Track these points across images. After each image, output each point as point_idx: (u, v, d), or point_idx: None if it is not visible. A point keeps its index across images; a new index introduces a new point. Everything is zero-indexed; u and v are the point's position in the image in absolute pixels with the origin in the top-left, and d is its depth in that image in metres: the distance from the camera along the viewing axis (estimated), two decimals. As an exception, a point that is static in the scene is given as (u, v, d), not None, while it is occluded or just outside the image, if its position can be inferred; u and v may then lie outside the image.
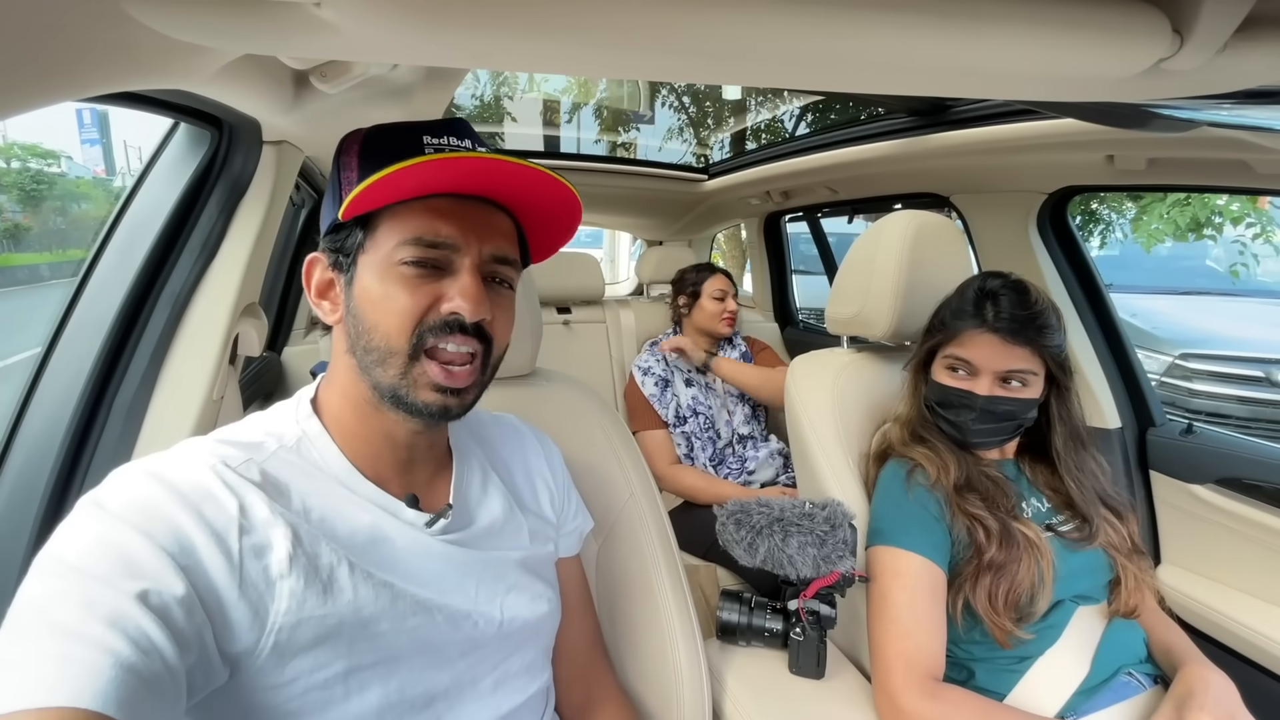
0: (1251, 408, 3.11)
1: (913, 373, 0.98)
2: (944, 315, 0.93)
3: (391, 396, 0.52)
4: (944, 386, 0.90)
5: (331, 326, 0.57)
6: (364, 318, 0.52)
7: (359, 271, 0.53)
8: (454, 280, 0.52)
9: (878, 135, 1.49)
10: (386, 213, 0.52)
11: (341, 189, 0.54)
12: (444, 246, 0.52)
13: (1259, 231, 3.78)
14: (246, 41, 0.43)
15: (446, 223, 0.52)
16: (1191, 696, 0.72)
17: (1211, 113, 0.60)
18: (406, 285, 0.51)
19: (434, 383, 0.52)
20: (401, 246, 0.51)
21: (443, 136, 0.55)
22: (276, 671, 0.46)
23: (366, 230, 0.53)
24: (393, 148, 0.53)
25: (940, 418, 0.92)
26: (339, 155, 0.56)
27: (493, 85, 6.21)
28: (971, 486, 0.87)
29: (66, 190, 5.68)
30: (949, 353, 0.90)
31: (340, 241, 0.54)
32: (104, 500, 0.44)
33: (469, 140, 0.56)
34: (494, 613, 0.59)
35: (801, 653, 0.86)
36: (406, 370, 0.52)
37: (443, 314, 0.52)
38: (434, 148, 0.53)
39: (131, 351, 0.83)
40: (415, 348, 0.51)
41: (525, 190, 0.54)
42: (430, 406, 0.52)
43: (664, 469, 1.72)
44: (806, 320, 2.71)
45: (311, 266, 0.57)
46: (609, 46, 0.39)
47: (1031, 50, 0.40)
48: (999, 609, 0.79)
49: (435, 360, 0.52)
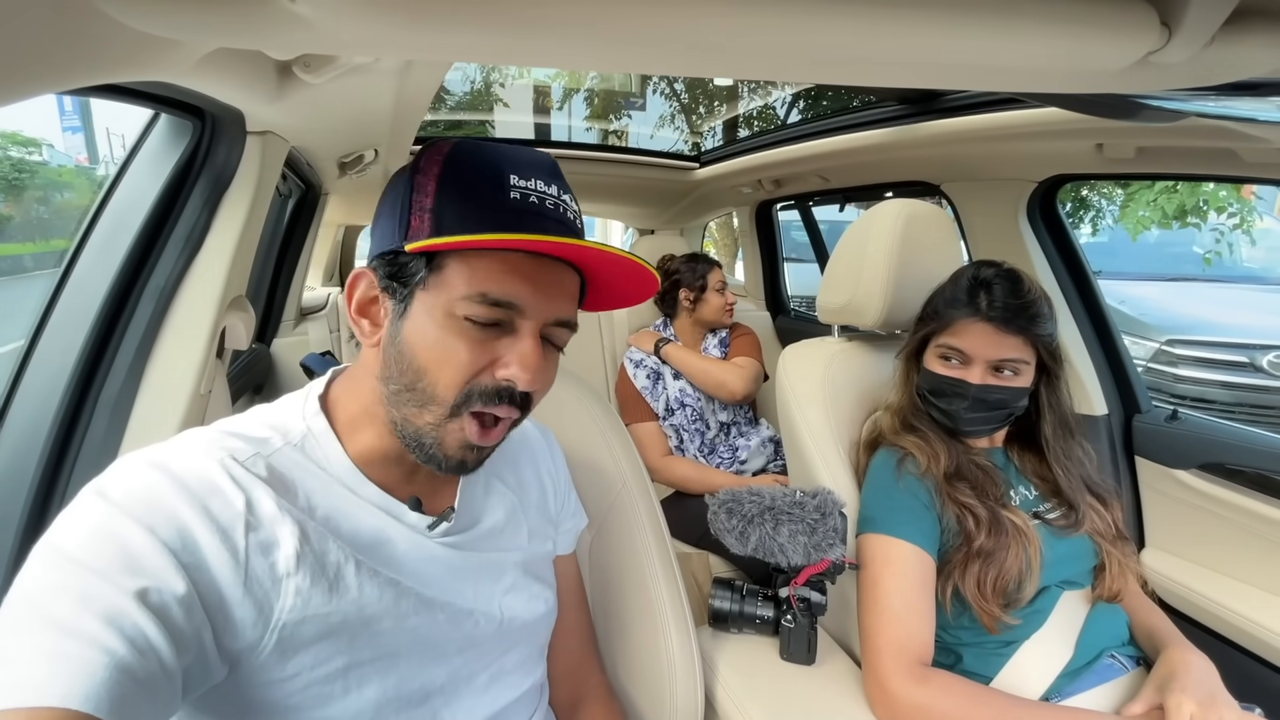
0: (1235, 393, 3.15)
1: (904, 361, 0.99)
2: (937, 304, 0.93)
3: (415, 442, 0.51)
4: (937, 375, 0.91)
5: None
6: (413, 358, 0.49)
7: (414, 307, 0.50)
8: (513, 343, 0.50)
9: (869, 123, 1.49)
10: (456, 255, 0.49)
11: (411, 214, 0.49)
12: (512, 307, 0.49)
13: (1239, 221, 3.82)
14: (221, 36, 0.42)
15: (520, 282, 0.49)
16: (1173, 678, 0.74)
17: (1199, 104, 0.60)
18: (467, 340, 0.49)
19: (466, 441, 0.50)
20: (469, 300, 0.48)
21: (531, 180, 0.50)
22: (278, 667, 0.46)
23: (430, 268, 0.49)
24: (477, 186, 0.49)
25: (932, 406, 0.92)
26: (414, 173, 0.51)
27: (483, 71, 6.14)
28: (961, 475, 0.87)
29: (49, 179, 5.58)
30: (942, 341, 0.91)
31: (398, 269, 0.50)
32: (107, 490, 0.43)
33: (556, 187, 0.52)
34: (494, 612, 0.60)
35: (793, 639, 0.87)
36: (442, 423, 0.50)
37: (497, 379, 0.50)
38: (519, 193, 0.49)
39: (116, 345, 0.82)
40: (459, 406, 0.49)
41: (606, 266, 0.52)
42: (450, 461, 0.51)
43: (656, 461, 1.73)
44: (798, 309, 2.72)
45: (356, 281, 0.53)
46: (590, 40, 0.38)
47: (1020, 44, 0.40)
48: (987, 595, 0.80)
49: (476, 421, 0.50)
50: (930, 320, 0.93)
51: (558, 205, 0.51)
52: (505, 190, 0.49)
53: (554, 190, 0.52)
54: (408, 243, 0.48)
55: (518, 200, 0.49)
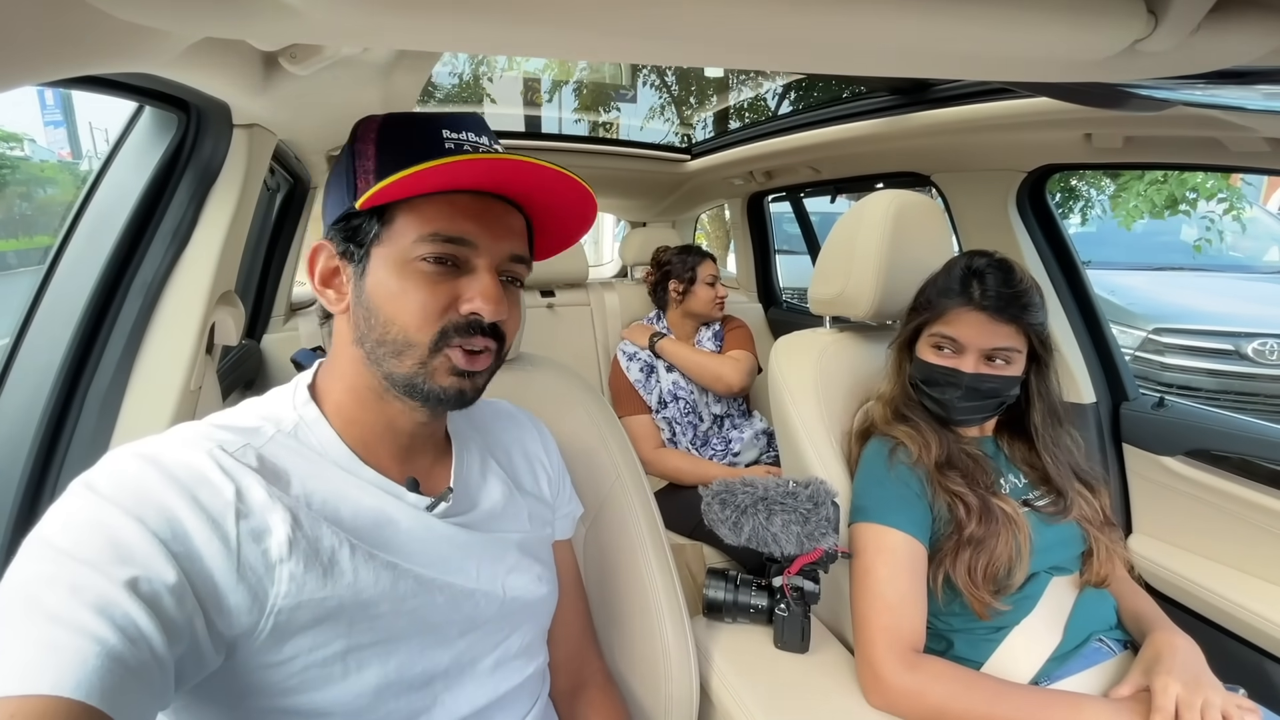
0: (1220, 380, 3.19)
1: (897, 351, 0.99)
2: (930, 294, 0.94)
3: (407, 386, 0.53)
4: (930, 364, 0.91)
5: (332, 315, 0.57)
6: (379, 311, 0.52)
7: (372, 264, 0.53)
8: (473, 280, 0.53)
9: (859, 114, 1.49)
10: (403, 206, 0.52)
11: (356, 177, 0.53)
12: (463, 243, 0.52)
13: (1229, 207, 3.85)
14: (205, 24, 0.42)
15: (468, 220, 0.52)
16: (1159, 661, 0.75)
17: (1186, 92, 0.61)
18: (426, 282, 0.51)
19: (454, 367, 0.53)
20: (421, 242, 0.51)
21: (461, 132, 0.54)
22: (275, 651, 0.47)
23: (383, 222, 0.52)
24: (413, 140, 0.53)
25: (925, 396, 0.93)
26: (353, 142, 0.55)
27: (471, 64, 6.08)
28: (952, 464, 0.88)
29: (31, 174, 5.49)
30: (935, 331, 0.91)
31: (352, 231, 0.53)
32: (96, 482, 0.43)
33: (485, 137, 0.56)
34: (496, 590, 0.60)
35: (786, 628, 0.87)
36: (426, 361, 0.52)
37: (463, 314, 0.52)
38: (454, 143, 0.53)
39: (104, 342, 0.81)
40: (436, 344, 0.52)
41: (544, 191, 0.54)
42: (447, 391, 0.53)
43: (649, 453, 1.73)
44: (790, 300, 2.72)
45: (316, 254, 0.56)
46: (580, 28, 0.38)
47: (1007, 32, 0.40)
48: (978, 582, 0.81)
49: (459, 349, 0.53)
50: (923, 310, 0.94)
51: (491, 151, 0.55)
52: (440, 141, 0.53)
53: (486, 140, 0.56)
54: (357, 201, 0.50)
55: (453, 149, 0.53)
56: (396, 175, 0.46)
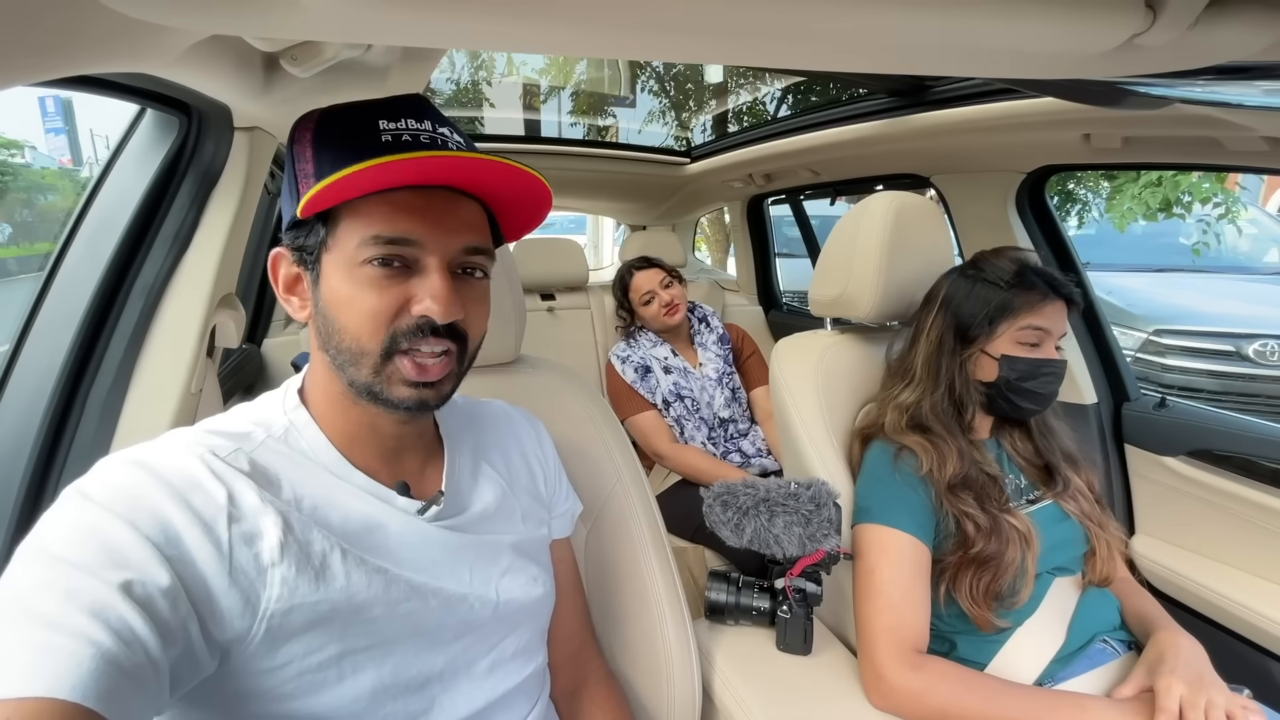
0: (1222, 381, 3.18)
1: (939, 361, 0.93)
2: (998, 297, 0.89)
3: (367, 393, 0.52)
4: (1029, 359, 0.88)
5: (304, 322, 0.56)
6: (333, 318, 0.51)
7: (324, 270, 0.51)
8: (423, 280, 0.51)
9: (858, 116, 1.49)
10: (346, 209, 0.50)
11: (298, 182, 0.51)
12: (407, 243, 0.50)
13: (1224, 211, 3.86)
14: (209, 20, 0.42)
15: (409, 218, 0.49)
16: (1162, 660, 0.74)
17: (1184, 89, 0.61)
18: (373, 286, 0.49)
19: (406, 379, 0.51)
20: (364, 245, 0.49)
21: (399, 120, 0.51)
22: (269, 656, 0.46)
23: (328, 226, 0.50)
24: (348, 136, 0.50)
25: (1016, 393, 0.89)
26: (292, 144, 0.53)
27: (470, 68, 6.10)
28: (967, 485, 0.86)
29: (31, 181, 5.50)
30: (1026, 324, 0.88)
31: (302, 238, 0.52)
32: (88, 489, 0.43)
33: (429, 122, 0.52)
34: (490, 595, 0.60)
35: (789, 630, 0.87)
36: (380, 369, 0.51)
37: (414, 316, 0.50)
38: (391, 135, 0.50)
39: (105, 345, 0.81)
40: (387, 350, 0.50)
41: (491, 181, 0.52)
42: (405, 401, 0.52)
43: (667, 447, 1.70)
44: (790, 303, 2.72)
45: (276, 263, 0.55)
46: (583, 24, 0.38)
47: (1005, 27, 0.40)
48: (979, 601, 0.81)
49: (408, 358, 0.51)
50: (1003, 311, 0.89)
51: (433, 138, 0.51)
52: (377, 134, 0.50)
53: (427, 125, 0.52)
54: (297, 207, 0.49)
55: (390, 141, 0.50)
56: (325, 181, 0.44)
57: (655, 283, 1.82)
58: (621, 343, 1.89)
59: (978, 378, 0.92)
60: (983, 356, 0.91)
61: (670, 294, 1.82)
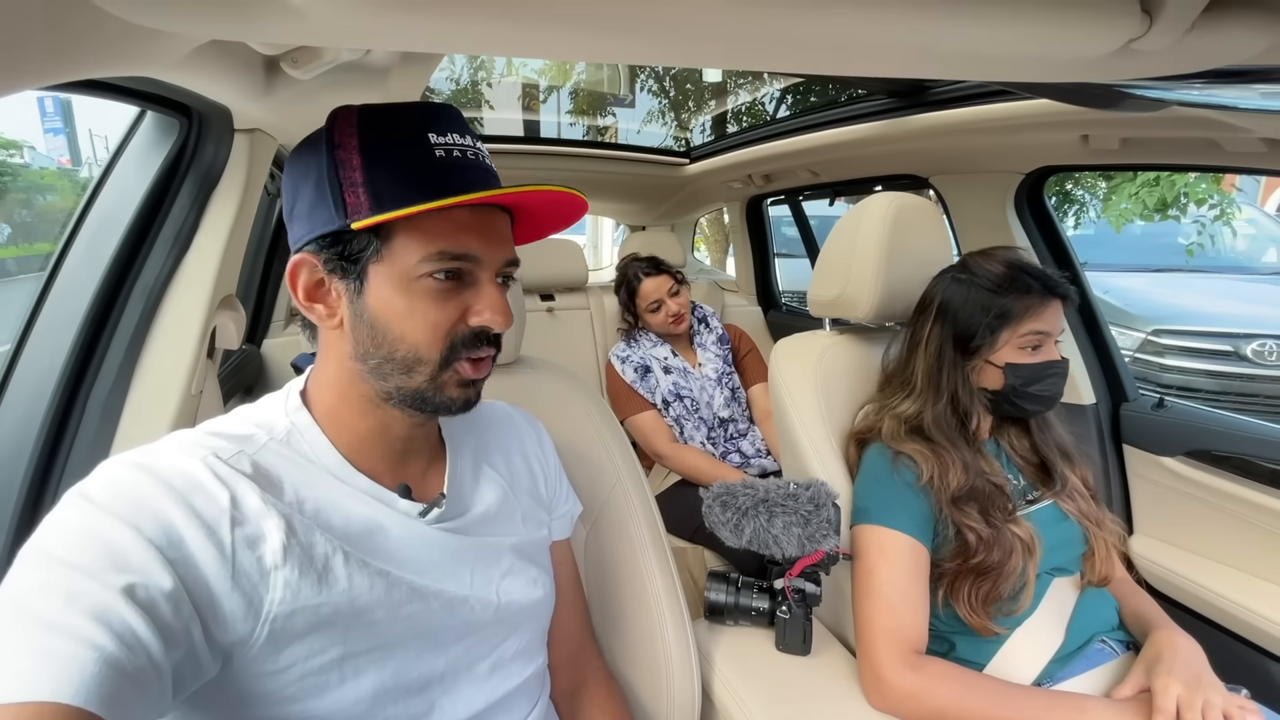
0: (1220, 381, 3.19)
1: (941, 372, 0.92)
2: (997, 304, 0.88)
3: (415, 400, 0.53)
4: (1033, 365, 0.88)
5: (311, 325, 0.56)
6: (387, 329, 0.51)
7: (372, 281, 0.51)
8: (477, 292, 0.53)
9: (858, 117, 1.49)
10: (403, 223, 0.50)
11: (343, 189, 0.50)
12: (468, 259, 0.52)
13: (1220, 213, 3.87)
14: (211, 26, 0.42)
15: (470, 236, 0.52)
16: (1160, 660, 0.75)
17: (1181, 92, 0.61)
18: (435, 299, 0.52)
19: (463, 380, 0.54)
20: (427, 260, 0.50)
21: (447, 135, 0.52)
22: (271, 659, 0.46)
23: (381, 239, 0.51)
24: (402, 151, 0.50)
25: (1023, 398, 0.89)
26: (332, 149, 0.51)
27: (470, 69, 6.11)
28: (973, 497, 0.85)
29: (31, 182, 5.50)
30: (1029, 329, 0.87)
31: (344, 247, 0.51)
32: (91, 492, 0.43)
33: (468, 136, 0.54)
34: (490, 597, 0.60)
35: (788, 630, 0.87)
36: (436, 376, 0.53)
37: (472, 327, 0.53)
38: (443, 150, 0.51)
39: (105, 347, 0.81)
40: (445, 359, 0.53)
41: (541, 204, 0.55)
42: (455, 402, 0.54)
43: (666, 447, 1.71)
44: (789, 303, 2.73)
45: (297, 270, 0.53)
46: (582, 28, 0.38)
47: (1002, 31, 0.41)
48: (977, 610, 0.81)
49: (466, 361, 0.54)
50: (1003, 319, 0.88)
51: (478, 155, 0.54)
52: (429, 149, 0.51)
53: (469, 140, 0.54)
54: (352, 220, 0.49)
55: (444, 158, 0.51)
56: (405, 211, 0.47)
57: (664, 291, 1.82)
58: (621, 342, 1.89)
59: (983, 386, 0.91)
60: (987, 366, 0.90)
61: (678, 303, 1.82)
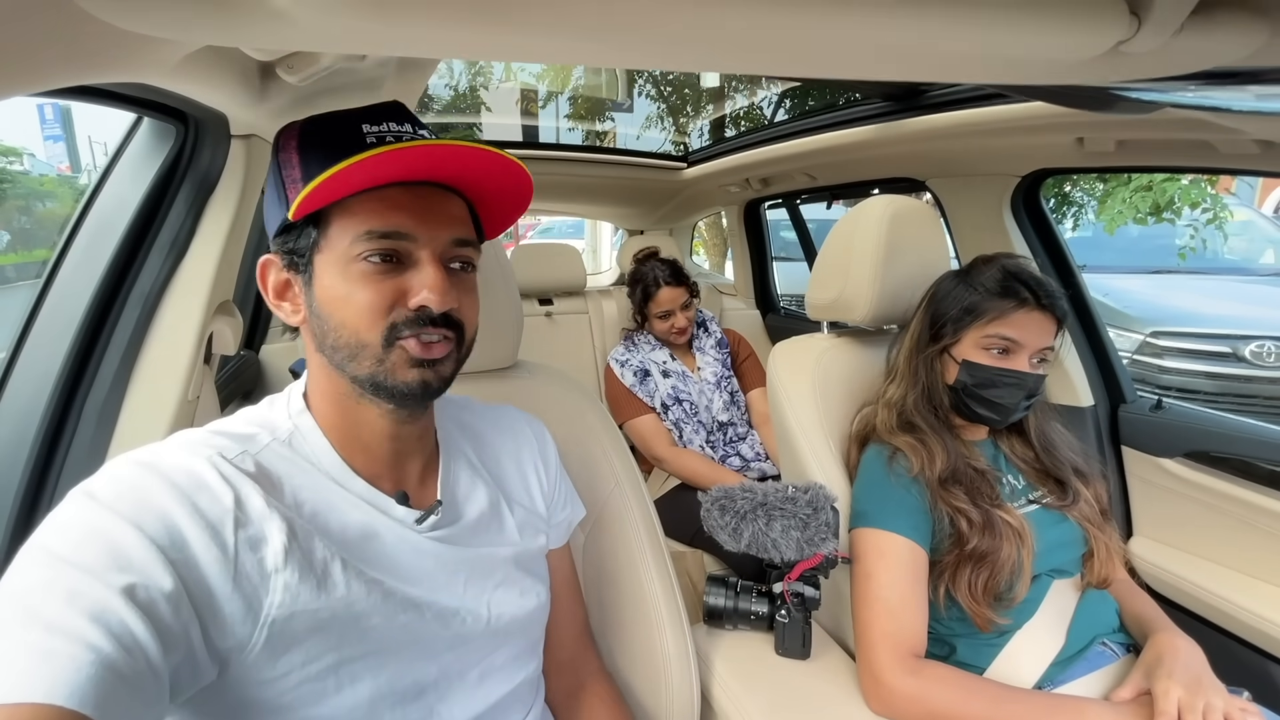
0: (1219, 383, 3.19)
1: (918, 356, 0.95)
2: (970, 297, 0.90)
3: (371, 385, 0.52)
4: (990, 367, 0.88)
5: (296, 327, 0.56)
6: (330, 317, 0.51)
7: (317, 271, 0.52)
8: (417, 272, 0.52)
9: (854, 121, 1.50)
10: (337, 209, 0.51)
11: (286, 188, 0.52)
12: (401, 237, 0.51)
13: (1212, 217, 3.89)
14: (201, 32, 0.42)
15: (400, 213, 0.51)
16: (1160, 663, 0.74)
17: (1175, 94, 0.61)
18: (369, 280, 0.50)
19: (412, 358, 0.51)
20: (357, 241, 0.50)
21: (381, 123, 0.53)
22: (269, 666, 0.46)
23: (320, 228, 0.51)
24: (333, 141, 0.51)
25: (975, 399, 0.89)
26: (277, 152, 0.54)
27: (468, 75, 6.13)
28: (956, 479, 0.86)
29: (30, 188, 5.51)
30: (992, 332, 0.87)
31: (293, 242, 0.53)
32: (95, 490, 0.43)
33: (408, 124, 0.54)
34: (481, 610, 0.60)
35: (787, 634, 0.87)
36: (382, 358, 0.51)
37: (410, 308, 0.51)
38: (375, 136, 0.52)
39: (102, 352, 0.81)
40: (387, 339, 0.51)
41: (475, 171, 0.53)
42: (411, 385, 0.52)
43: (665, 451, 1.71)
44: (788, 307, 2.73)
45: (265, 270, 0.55)
46: (575, 34, 0.38)
47: (990, 33, 0.41)
48: (978, 598, 0.81)
49: (413, 339, 0.51)
50: (969, 314, 0.90)
51: (415, 138, 0.53)
52: (361, 136, 0.51)
53: (408, 128, 0.54)
54: (289, 211, 0.50)
55: (375, 143, 0.51)
56: (318, 179, 0.45)
57: (677, 304, 1.83)
58: (620, 346, 1.90)
59: (944, 379, 0.93)
60: (948, 359, 0.92)
61: (687, 317, 1.83)
